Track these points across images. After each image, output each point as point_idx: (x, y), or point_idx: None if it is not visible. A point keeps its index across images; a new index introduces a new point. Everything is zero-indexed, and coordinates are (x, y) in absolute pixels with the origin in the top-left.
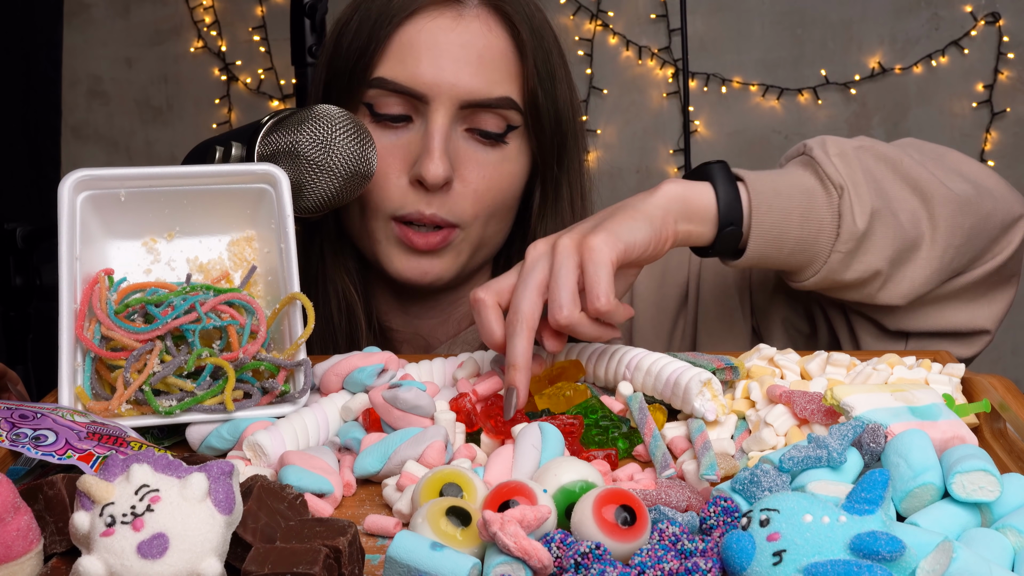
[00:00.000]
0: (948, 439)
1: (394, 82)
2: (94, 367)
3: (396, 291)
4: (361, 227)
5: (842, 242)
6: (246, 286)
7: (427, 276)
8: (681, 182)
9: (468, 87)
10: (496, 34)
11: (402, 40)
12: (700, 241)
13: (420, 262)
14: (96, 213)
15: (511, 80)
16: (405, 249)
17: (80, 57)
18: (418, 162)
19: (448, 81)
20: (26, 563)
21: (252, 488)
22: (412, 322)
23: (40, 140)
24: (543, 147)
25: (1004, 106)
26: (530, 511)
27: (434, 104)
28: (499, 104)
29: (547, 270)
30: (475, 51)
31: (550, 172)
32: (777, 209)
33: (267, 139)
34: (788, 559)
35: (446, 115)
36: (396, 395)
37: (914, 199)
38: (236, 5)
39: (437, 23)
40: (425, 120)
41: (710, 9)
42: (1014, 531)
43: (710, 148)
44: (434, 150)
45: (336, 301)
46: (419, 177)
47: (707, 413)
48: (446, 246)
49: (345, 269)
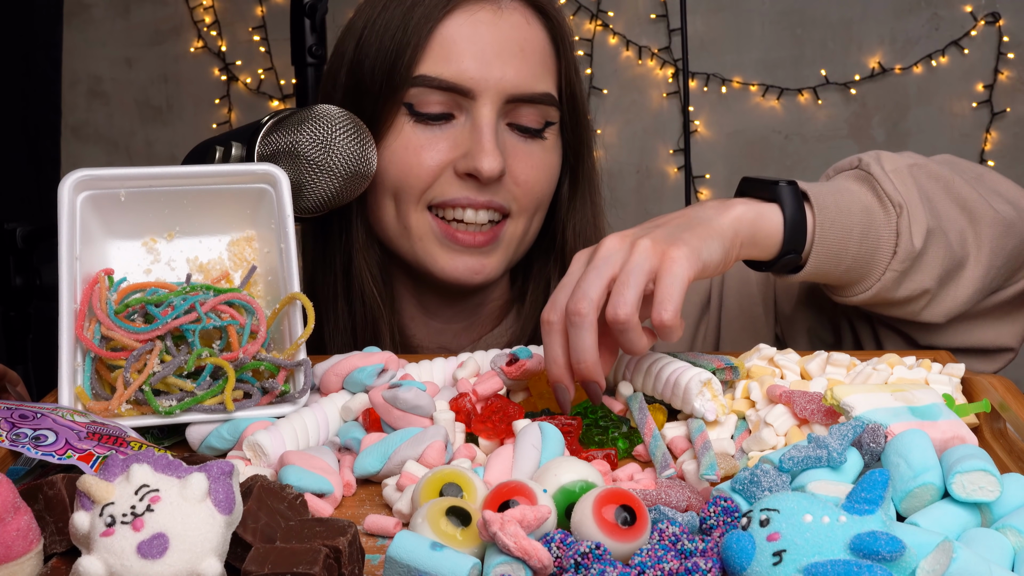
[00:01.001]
0: (948, 439)
1: (439, 79)
2: (94, 367)
3: (422, 300)
4: (399, 226)
5: (898, 261)
6: (246, 286)
7: (477, 276)
8: (753, 204)
9: (514, 81)
10: (534, 27)
11: (443, 36)
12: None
13: (469, 260)
14: (96, 213)
15: (549, 74)
16: (449, 247)
17: (80, 57)
18: (469, 156)
19: (495, 75)
20: (26, 563)
21: (252, 488)
22: (437, 331)
23: (40, 140)
24: (574, 141)
25: (1004, 106)
26: (530, 511)
27: (481, 99)
28: (541, 99)
29: (619, 266)
30: (517, 44)
31: (580, 165)
32: (840, 227)
33: (267, 139)
34: (788, 559)
35: (492, 109)
36: (396, 395)
37: (962, 219)
38: (236, 5)
39: (478, 17)
40: (469, 115)
41: (710, 9)
42: (1014, 531)
43: (710, 148)
44: (486, 143)
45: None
46: (472, 171)
47: (707, 413)
48: (496, 243)
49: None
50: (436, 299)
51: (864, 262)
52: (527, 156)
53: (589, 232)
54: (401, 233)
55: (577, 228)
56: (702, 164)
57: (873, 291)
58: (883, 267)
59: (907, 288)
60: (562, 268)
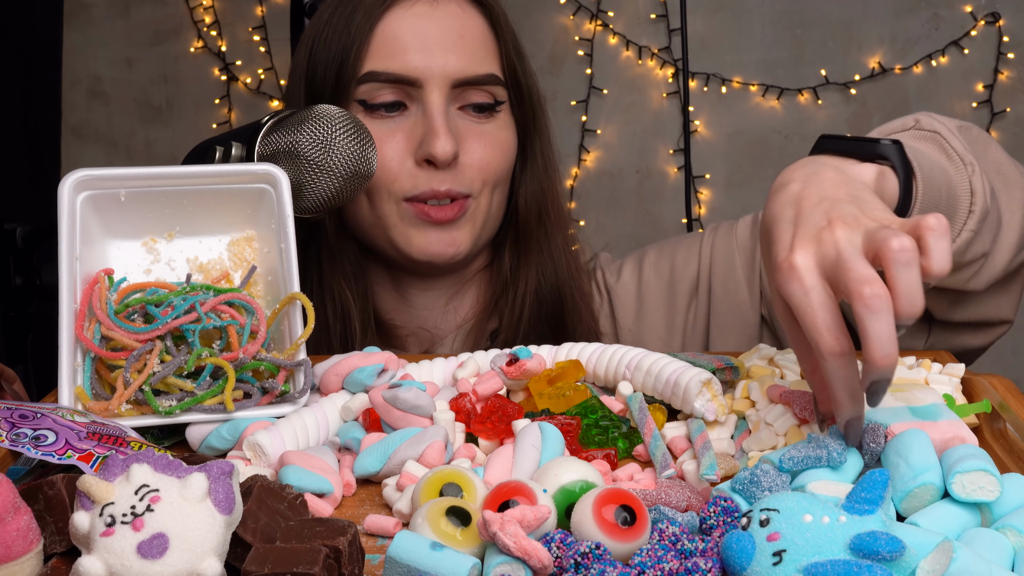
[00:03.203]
0: (949, 439)
1: (387, 72)
2: (94, 367)
3: (399, 286)
4: (372, 216)
5: (974, 220)
6: (246, 286)
7: (450, 248)
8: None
9: (457, 66)
10: (470, 14)
11: (385, 33)
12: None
13: (441, 235)
14: (96, 213)
15: (491, 57)
16: (423, 226)
17: (80, 57)
18: (424, 143)
19: (438, 63)
20: (26, 563)
21: (252, 488)
22: (416, 316)
23: (40, 140)
24: (524, 118)
25: (1004, 106)
26: (530, 511)
27: (428, 87)
28: (486, 80)
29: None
30: (456, 32)
31: (529, 142)
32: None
33: (267, 139)
34: (788, 559)
35: (441, 95)
36: (396, 395)
37: (998, 181)
38: (236, 5)
39: (415, 11)
40: (420, 104)
41: (710, 9)
42: (1014, 531)
43: (710, 148)
44: (439, 128)
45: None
46: (428, 156)
47: (707, 413)
48: (463, 215)
49: (342, 273)
50: (412, 282)
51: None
52: (479, 137)
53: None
54: (375, 223)
55: (528, 199)
56: (702, 164)
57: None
58: (959, 227)
59: (973, 251)
60: (516, 238)
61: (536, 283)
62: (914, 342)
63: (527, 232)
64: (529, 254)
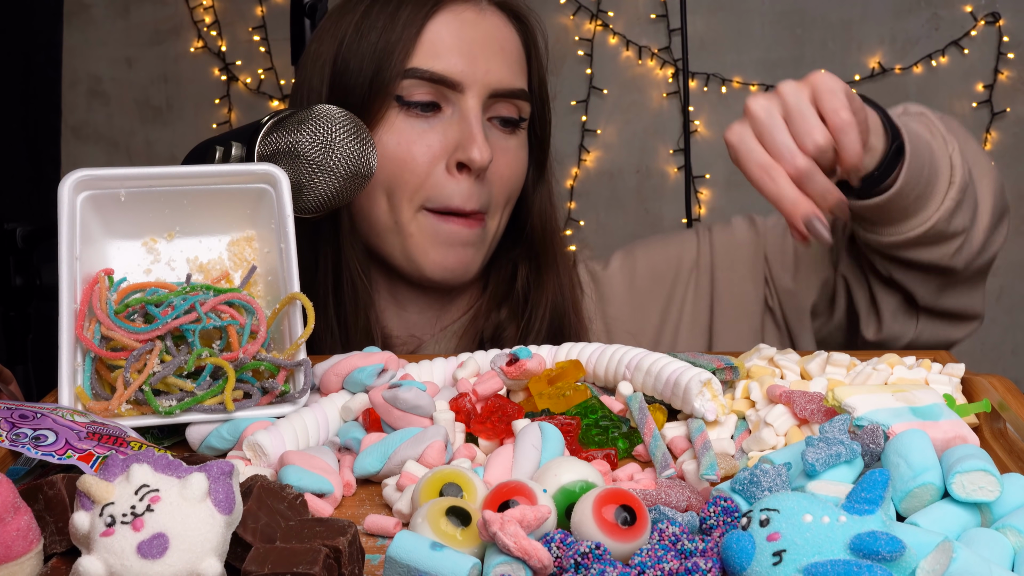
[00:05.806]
0: (950, 439)
1: (430, 71)
2: (94, 367)
3: (394, 293)
4: (390, 220)
5: (956, 189)
6: (246, 286)
7: (461, 267)
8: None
9: (497, 76)
10: (511, 31)
11: (431, 33)
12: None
13: (460, 253)
14: (96, 213)
15: (523, 74)
16: (442, 241)
17: (80, 57)
18: (461, 147)
19: (481, 69)
20: (26, 563)
21: (252, 488)
22: (408, 323)
23: (40, 140)
24: (540, 135)
25: (1004, 106)
26: (530, 511)
27: (468, 92)
28: (518, 95)
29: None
30: (497, 43)
31: (544, 158)
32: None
33: (267, 139)
34: (788, 559)
35: (477, 102)
36: (396, 395)
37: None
38: (236, 5)
39: (463, 17)
40: (456, 108)
41: (710, 9)
42: (1014, 531)
43: (710, 148)
44: (476, 134)
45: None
46: (465, 160)
47: (707, 413)
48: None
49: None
50: (409, 292)
51: (931, 188)
52: (505, 152)
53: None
54: (391, 229)
55: (541, 213)
56: (702, 164)
57: (931, 222)
58: (942, 196)
59: (955, 224)
60: (529, 253)
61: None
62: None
63: (543, 252)
64: (547, 273)
